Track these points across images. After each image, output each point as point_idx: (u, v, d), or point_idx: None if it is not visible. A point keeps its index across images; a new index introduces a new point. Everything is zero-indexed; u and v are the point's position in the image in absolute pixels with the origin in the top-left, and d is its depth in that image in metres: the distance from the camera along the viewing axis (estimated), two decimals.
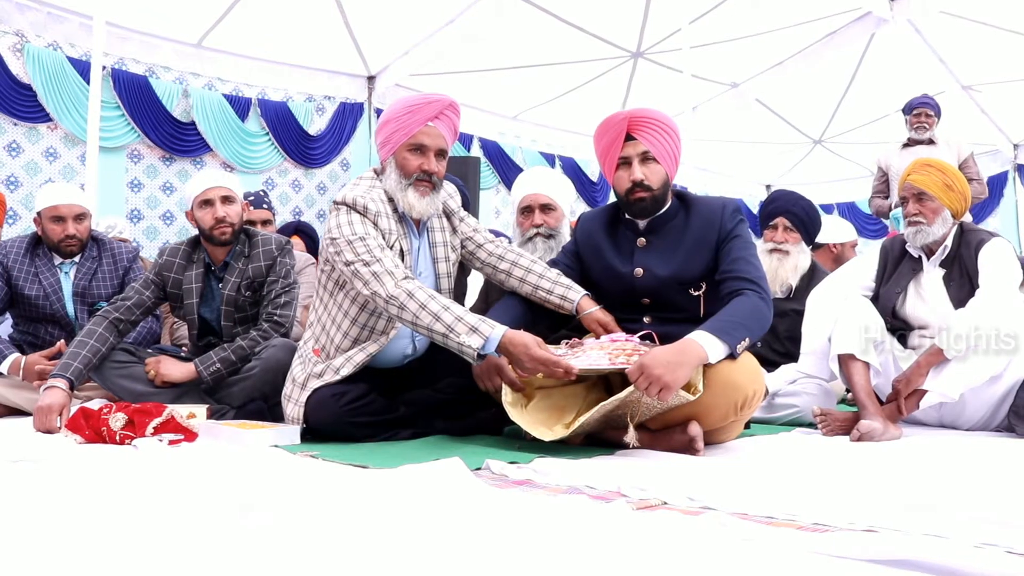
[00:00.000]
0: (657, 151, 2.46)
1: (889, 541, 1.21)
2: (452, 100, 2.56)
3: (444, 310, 2.26)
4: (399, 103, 2.56)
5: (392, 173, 2.53)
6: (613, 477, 1.81)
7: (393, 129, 2.51)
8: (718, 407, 2.20)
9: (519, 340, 2.22)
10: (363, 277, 2.36)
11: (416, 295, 2.29)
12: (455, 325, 2.23)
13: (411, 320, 2.29)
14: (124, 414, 2.50)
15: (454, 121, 2.58)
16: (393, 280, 2.33)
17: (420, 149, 2.51)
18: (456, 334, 2.23)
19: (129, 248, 3.61)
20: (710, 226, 2.49)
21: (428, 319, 2.26)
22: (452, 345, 2.25)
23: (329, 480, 1.84)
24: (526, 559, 1.19)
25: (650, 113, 2.50)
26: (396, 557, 1.19)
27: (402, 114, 2.51)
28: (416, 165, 2.50)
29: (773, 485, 1.76)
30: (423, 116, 2.50)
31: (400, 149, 2.52)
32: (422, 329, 2.30)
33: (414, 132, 2.49)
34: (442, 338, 2.26)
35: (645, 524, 1.39)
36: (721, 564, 1.15)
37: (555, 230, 3.06)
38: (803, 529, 1.37)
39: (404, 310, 2.29)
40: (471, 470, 2.01)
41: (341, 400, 2.44)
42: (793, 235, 3.37)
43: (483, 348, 2.22)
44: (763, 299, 2.36)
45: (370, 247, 2.39)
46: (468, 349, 2.22)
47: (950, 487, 1.78)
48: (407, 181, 2.51)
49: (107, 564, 1.14)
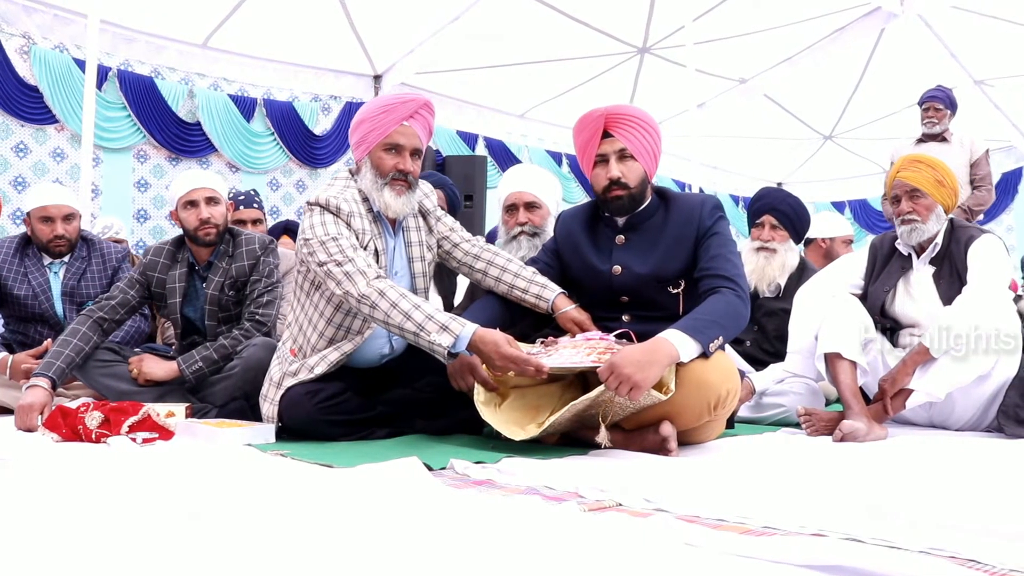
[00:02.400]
0: (635, 148, 2.43)
1: (830, 547, 1.18)
2: (427, 100, 2.55)
3: (415, 309, 2.25)
4: (374, 103, 2.54)
5: (368, 173, 2.52)
6: (574, 478, 1.79)
7: (368, 129, 2.50)
8: (691, 407, 2.17)
9: (489, 338, 2.21)
10: (336, 277, 2.36)
11: (387, 294, 2.28)
12: (426, 324, 2.23)
13: (382, 319, 2.29)
14: (100, 412, 2.50)
15: (429, 120, 2.57)
16: (365, 279, 2.32)
17: (395, 148, 2.50)
18: (427, 332, 2.22)
19: (119, 248, 3.63)
20: (689, 223, 2.45)
21: (399, 318, 2.25)
22: (423, 344, 2.24)
23: (286, 479, 1.83)
24: (457, 559, 1.16)
25: (627, 110, 2.47)
26: (324, 556, 1.17)
27: (377, 113, 2.49)
28: (392, 164, 2.49)
29: (735, 487, 1.72)
30: (398, 115, 2.48)
31: (375, 149, 2.50)
32: (393, 328, 2.29)
33: (389, 131, 2.48)
34: (413, 337, 2.26)
35: (588, 527, 1.36)
36: (644, 569, 1.12)
37: (540, 228, 3.03)
38: (749, 533, 1.33)
39: (376, 309, 2.28)
40: (437, 469, 2.01)
41: (315, 398, 2.43)
42: (780, 233, 3.32)
43: (453, 347, 2.21)
44: (739, 297, 2.32)
45: (343, 247, 2.38)
46: (439, 348, 2.21)
47: (921, 490, 1.74)
48: (383, 180, 2.50)
49: (45, 565, 1.13)
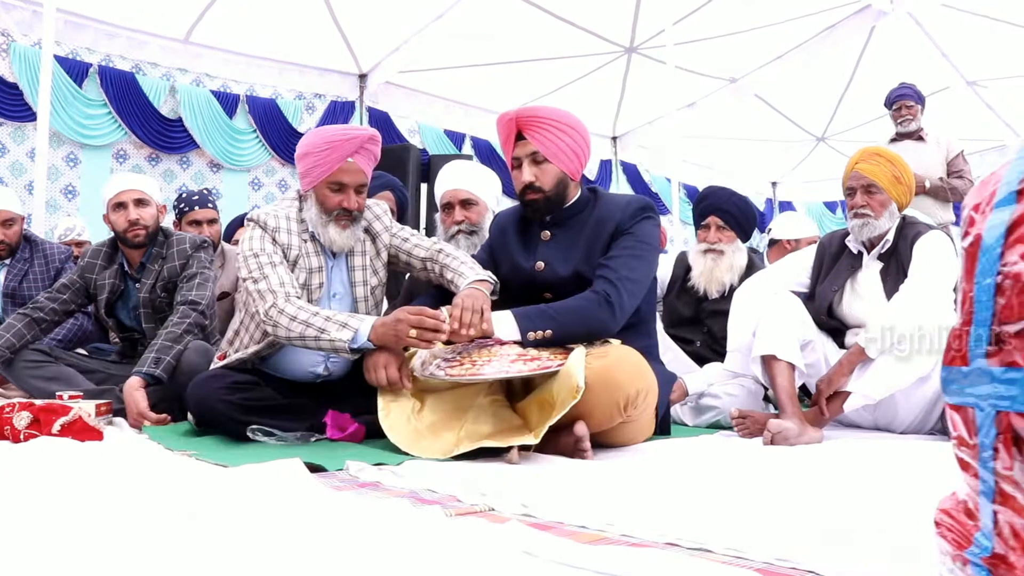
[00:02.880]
0: (549, 151, 2.38)
1: (660, 558, 1.12)
2: (372, 133, 2.51)
3: (314, 315, 2.26)
4: (318, 136, 2.50)
5: (313, 206, 2.51)
6: (463, 482, 1.73)
7: (312, 164, 2.46)
8: (600, 406, 2.10)
9: (388, 319, 2.24)
10: (251, 294, 2.39)
11: (286, 310, 2.29)
12: (326, 325, 2.23)
13: (285, 335, 2.29)
14: (29, 412, 2.45)
15: (374, 151, 2.53)
16: (273, 298, 2.33)
17: (340, 187, 2.47)
18: (327, 333, 2.22)
19: (62, 249, 3.62)
20: (609, 221, 2.41)
21: (300, 328, 2.26)
22: (326, 345, 2.24)
23: (163, 477, 1.77)
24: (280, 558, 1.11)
25: (540, 112, 2.41)
26: (161, 555, 1.12)
27: (321, 149, 2.45)
28: (336, 202, 2.48)
29: (621, 492, 1.66)
30: (343, 153, 2.44)
31: (320, 185, 2.48)
32: (299, 342, 2.29)
33: (334, 169, 2.45)
34: (315, 342, 2.26)
35: (436, 532, 1.30)
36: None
37: (477, 226, 2.97)
38: (601, 541, 1.27)
39: (278, 327, 2.30)
40: (332, 470, 1.95)
41: (219, 382, 2.40)
42: (727, 234, 3.24)
43: (354, 340, 2.21)
44: (605, 301, 2.28)
45: (261, 263, 2.40)
46: (340, 343, 2.21)
47: (815, 497, 1.66)
48: (327, 217, 2.49)
49: None
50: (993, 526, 0.63)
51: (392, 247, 2.67)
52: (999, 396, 0.61)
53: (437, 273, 2.61)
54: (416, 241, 2.69)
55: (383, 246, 2.65)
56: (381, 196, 3.40)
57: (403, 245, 2.68)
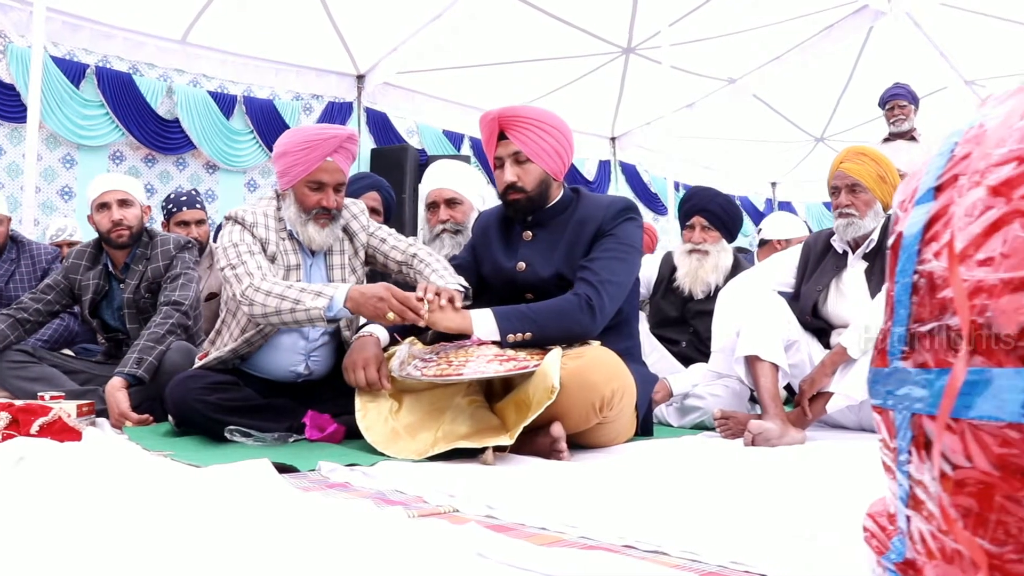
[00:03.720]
0: (531, 151, 2.37)
1: (614, 562, 1.11)
2: (350, 132, 2.51)
3: (288, 288, 2.25)
4: (297, 135, 2.50)
5: (292, 205, 2.51)
6: (432, 483, 1.72)
7: (291, 163, 2.46)
8: (576, 407, 2.09)
9: (369, 291, 2.20)
10: (229, 280, 2.38)
11: (262, 286, 2.28)
12: (300, 296, 2.22)
13: (262, 312, 2.27)
14: (8, 413, 2.45)
15: (352, 151, 2.53)
16: (249, 279, 2.31)
17: (319, 186, 2.47)
18: (303, 303, 2.21)
19: (49, 249, 3.62)
20: (591, 222, 2.40)
21: (276, 301, 2.24)
22: (302, 317, 2.23)
23: (131, 477, 1.77)
24: (228, 558, 1.10)
25: (522, 111, 2.40)
26: (111, 554, 1.11)
27: (300, 149, 2.45)
28: (315, 201, 2.48)
29: (588, 494, 1.64)
30: (321, 152, 2.44)
31: (299, 184, 2.48)
32: (275, 317, 2.27)
33: (313, 168, 2.45)
34: (291, 314, 2.24)
35: (394, 534, 1.29)
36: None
37: (462, 225, 2.97)
38: (558, 543, 1.26)
39: (254, 304, 2.27)
40: (305, 471, 1.95)
41: (197, 382, 2.39)
42: (712, 234, 3.23)
43: (329, 308, 2.20)
44: (587, 303, 2.27)
45: (240, 252, 2.40)
46: (316, 312, 2.20)
47: (784, 498, 1.65)
48: (306, 216, 2.50)
49: None
50: (907, 531, 0.62)
51: (369, 247, 2.67)
52: (912, 398, 0.60)
53: (412, 278, 2.61)
54: (393, 243, 2.68)
55: (360, 245, 2.65)
56: (367, 196, 3.39)
57: (380, 247, 2.68)
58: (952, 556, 0.54)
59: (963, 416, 0.52)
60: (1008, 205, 0.52)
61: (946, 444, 0.53)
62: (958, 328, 0.54)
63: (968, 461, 0.52)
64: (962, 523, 0.53)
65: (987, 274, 0.52)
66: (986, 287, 0.52)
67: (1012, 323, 0.50)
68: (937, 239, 0.60)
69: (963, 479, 0.53)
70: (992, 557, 0.51)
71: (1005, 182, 0.53)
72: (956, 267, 0.55)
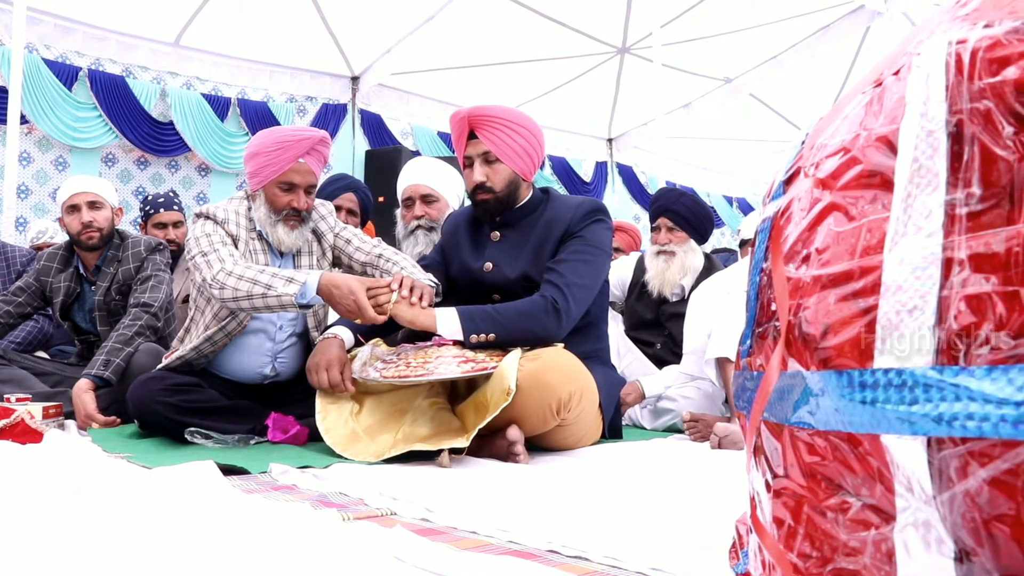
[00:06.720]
0: (500, 151, 2.35)
1: (528, 568, 1.09)
2: (323, 135, 2.50)
3: (260, 273, 2.23)
4: (269, 136, 2.49)
5: (262, 206, 2.51)
6: (377, 486, 1.70)
7: (263, 164, 2.45)
8: (532, 409, 2.07)
9: (342, 281, 2.18)
10: (199, 266, 2.36)
11: (233, 271, 2.26)
12: (272, 282, 2.21)
13: (233, 296, 2.25)
14: None
15: (324, 153, 2.52)
16: (220, 264, 2.30)
17: (290, 187, 2.46)
18: (274, 289, 2.20)
19: (24, 251, 3.61)
20: (559, 223, 2.37)
21: (247, 285, 2.22)
22: (273, 303, 2.21)
23: (83, 482, 1.75)
24: (150, 559, 1.09)
25: (492, 111, 2.38)
26: (32, 554, 1.10)
27: (272, 149, 2.44)
28: (286, 202, 2.47)
29: (529, 498, 1.62)
30: (293, 153, 2.43)
31: (270, 185, 2.47)
32: (245, 302, 2.25)
33: (284, 169, 2.44)
34: (263, 299, 2.22)
35: (322, 537, 1.28)
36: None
37: (437, 222, 2.95)
38: (482, 547, 1.24)
39: (224, 288, 2.26)
40: (255, 473, 1.93)
41: (159, 383, 2.37)
42: (678, 234, 3.19)
43: (302, 295, 2.18)
44: (552, 306, 2.24)
45: (212, 240, 2.39)
46: (287, 298, 2.18)
47: (721, 503, 1.63)
48: (276, 217, 2.49)
49: None
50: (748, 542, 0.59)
51: (336, 248, 2.65)
52: (748, 401, 0.58)
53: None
54: (358, 244, 2.67)
55: (328, 246, 2.64)
56: (344, 198, 3.38)
57: (345, 247, 2.66)
58: (771, 570, 0.52)
59: (785, 422, 0.50)
60: (830, 198, 0.50)
61: (769, 451, 0.51)
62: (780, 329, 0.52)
63: (785, 470, 0.50)
64: (776, 535, 0.50)
65: (803, 272, 0.50)
66: (801, 285, 0.49)
67: (818, 323, 0.47)
68: (780, 235, 0.58)
69: (780, 489, 0.51)
70: (798, 572, 0.49)
71: (831, 174, 0.50)
72: (779, 265, 0.53)
